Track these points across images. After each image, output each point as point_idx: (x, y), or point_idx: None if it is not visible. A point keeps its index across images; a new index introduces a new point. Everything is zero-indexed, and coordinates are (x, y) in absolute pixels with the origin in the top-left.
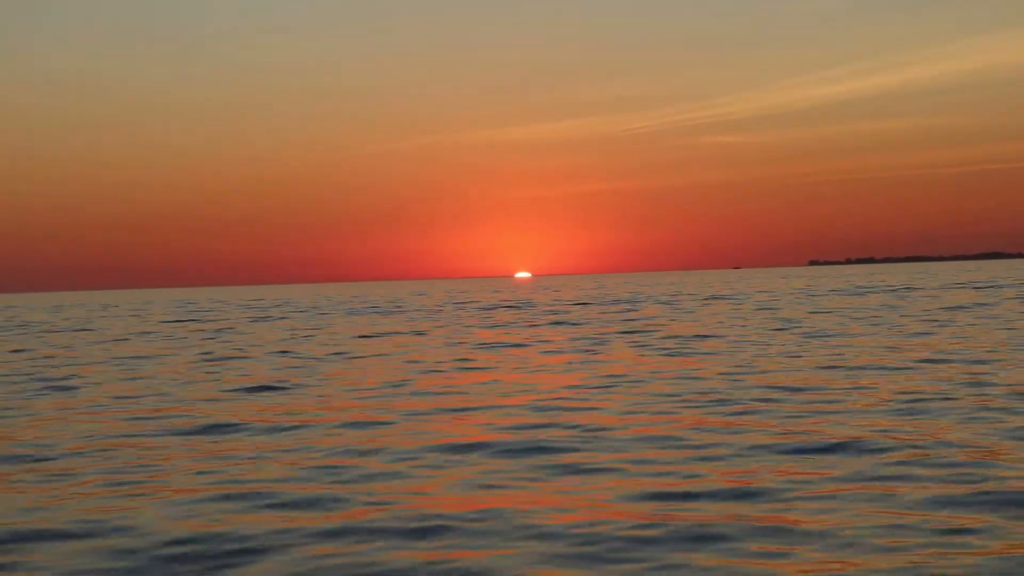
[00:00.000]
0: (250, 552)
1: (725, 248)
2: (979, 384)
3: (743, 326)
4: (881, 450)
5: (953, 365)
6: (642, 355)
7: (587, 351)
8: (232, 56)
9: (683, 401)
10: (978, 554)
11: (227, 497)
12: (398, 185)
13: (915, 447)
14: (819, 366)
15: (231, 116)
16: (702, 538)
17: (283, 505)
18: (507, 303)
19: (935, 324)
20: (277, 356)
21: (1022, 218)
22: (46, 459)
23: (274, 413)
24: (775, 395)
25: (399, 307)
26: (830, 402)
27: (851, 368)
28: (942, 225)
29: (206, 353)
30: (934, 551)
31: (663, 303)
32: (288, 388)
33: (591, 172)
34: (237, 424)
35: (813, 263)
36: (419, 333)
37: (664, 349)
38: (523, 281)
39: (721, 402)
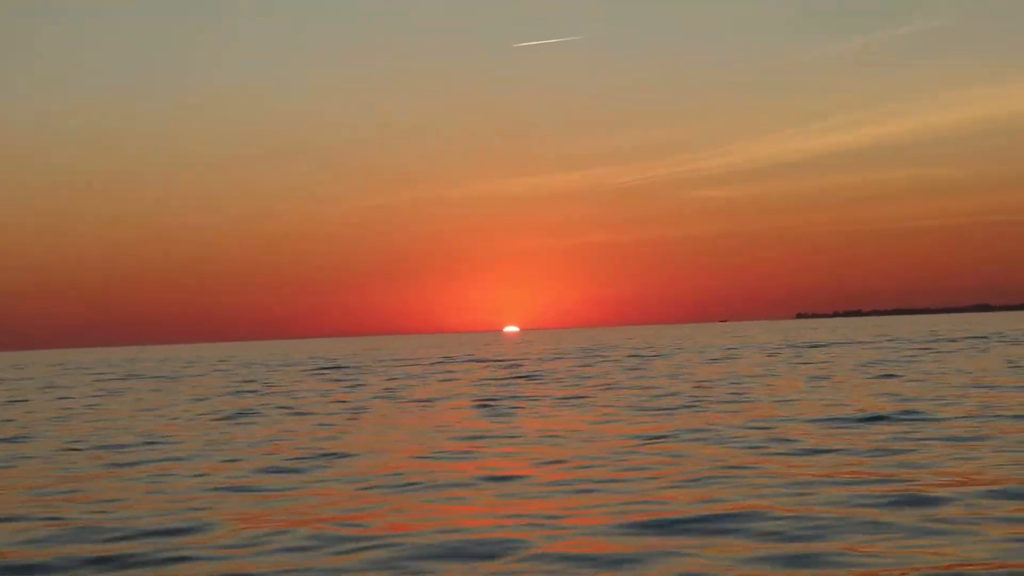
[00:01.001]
0: None
1: (714, 301)
2: None
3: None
4: None
5: None
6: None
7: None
8: (224, 112)
9: None
10: None
11: None
12: (388, 239)
13: None
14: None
15: (221, 171)
16: None
17: None
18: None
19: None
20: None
21: (1010, 271)
22: None
23: None
24: None
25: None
26: None
27: None
28: (930, 278)
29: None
30: None
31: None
32: None
33: (580, 225)
34: None
35: (800, 316)
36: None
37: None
38: (509, 336)
39: None
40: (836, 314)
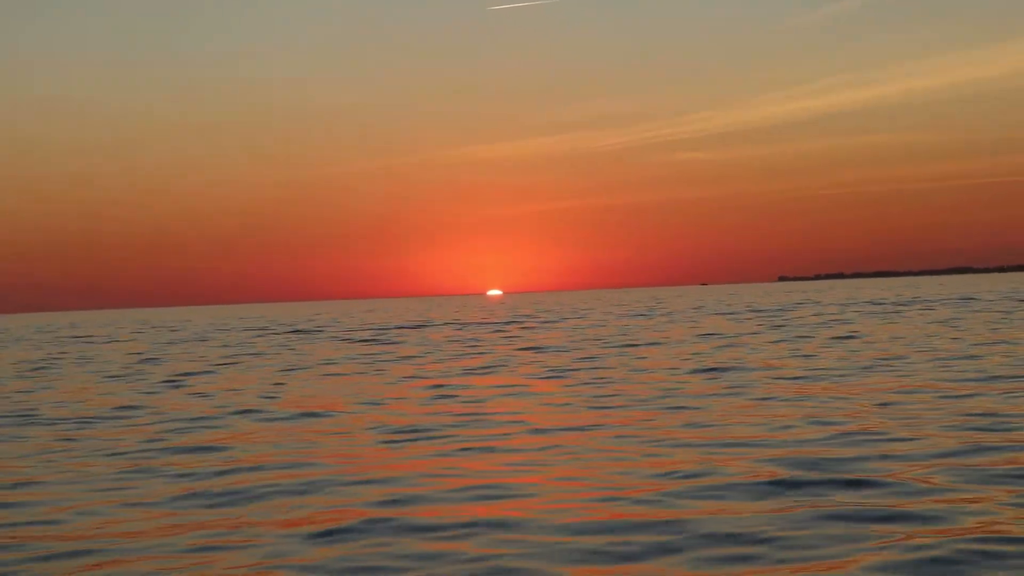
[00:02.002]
0: None
1: (695, 264)
2: None
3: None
4: None
5: None
6: None
7: None
8: (208, 77)
9: None
10: None
11: None
12: (372, 204)
13: None
14: None
15: (205, 136)
16: None
17: None
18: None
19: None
20: None
21: (991, 233)
22: None
23: None
24: None
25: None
26: None
27: None
28: (911, 240)
29: None
30: None
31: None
32: None
33: (563, 190)
34: None
35: (783, 279)
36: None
37: None
38: (493, 299)
39: None
40: (818, 276)
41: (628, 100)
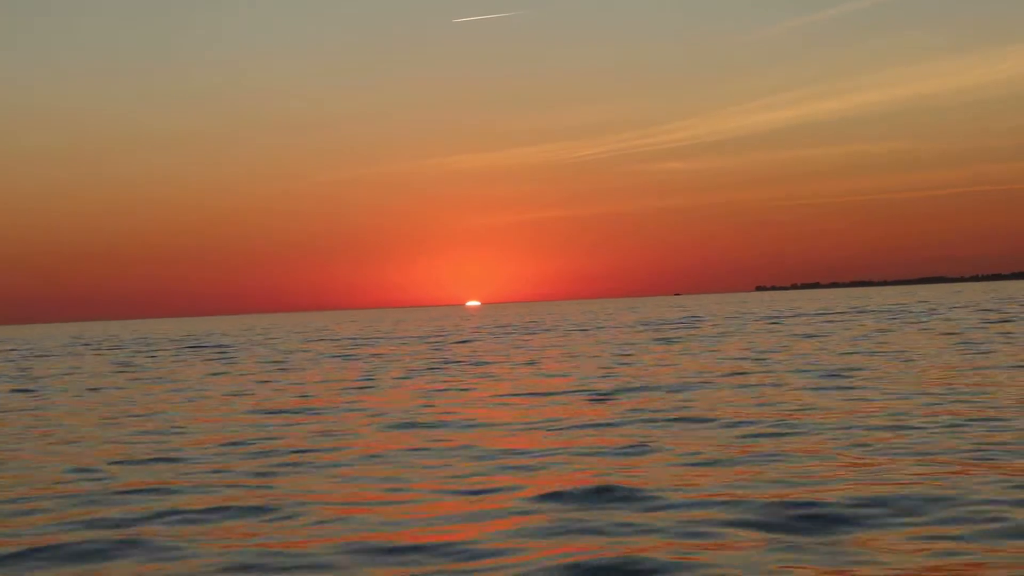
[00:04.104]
0: None
1: (675, 273)
2: None
3: None
4: None
5: None
6: None
7: None
8: (195, 85)
9: None
10: None
11: None
12: (352, 213)
13: None
14: None
15: (192, 145)
16: None
17: None
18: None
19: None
20: None
21: (965, 243)
22: None
23: None
24: None
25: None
26: None
27: None
28: (886, 250)
29: None
30: None
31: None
32: None
33: (540, 200)
34: None
35: (760, 288)
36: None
37: None
38: (471, 310)
39: None
40: (795, 286)
41: (605, 110)
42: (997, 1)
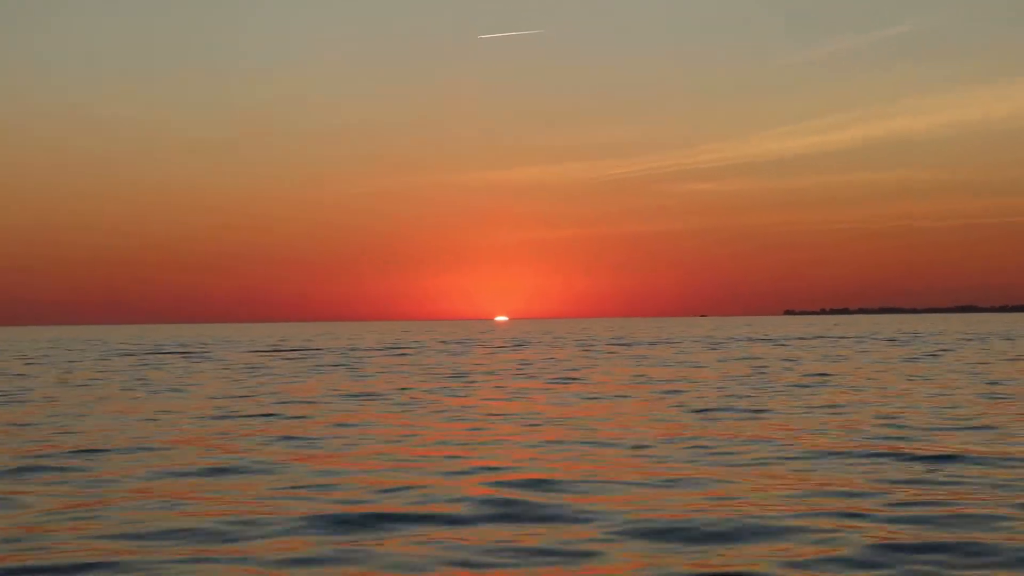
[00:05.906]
0: None
1: (702, 295)
2: None
3: None
4: None
5: None
6: None
7: None
8: (226, 94)
9: None
10: None
11: None
12: (384, 224)
13: None
14: None
15: (223, 153)
16: None
17: None
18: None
19: None
20: None
21: (997, 273)
22: None
23: None
24: None
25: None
26: None
27: None
28: (917, 277)
29: None
30: None
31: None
32: None
33: (571, 217)
34: None
35: (788, 312)
36: None
37: None
38: (500, 324)
39: None
40: (824, 311)
41: (635, 130)
42: None
